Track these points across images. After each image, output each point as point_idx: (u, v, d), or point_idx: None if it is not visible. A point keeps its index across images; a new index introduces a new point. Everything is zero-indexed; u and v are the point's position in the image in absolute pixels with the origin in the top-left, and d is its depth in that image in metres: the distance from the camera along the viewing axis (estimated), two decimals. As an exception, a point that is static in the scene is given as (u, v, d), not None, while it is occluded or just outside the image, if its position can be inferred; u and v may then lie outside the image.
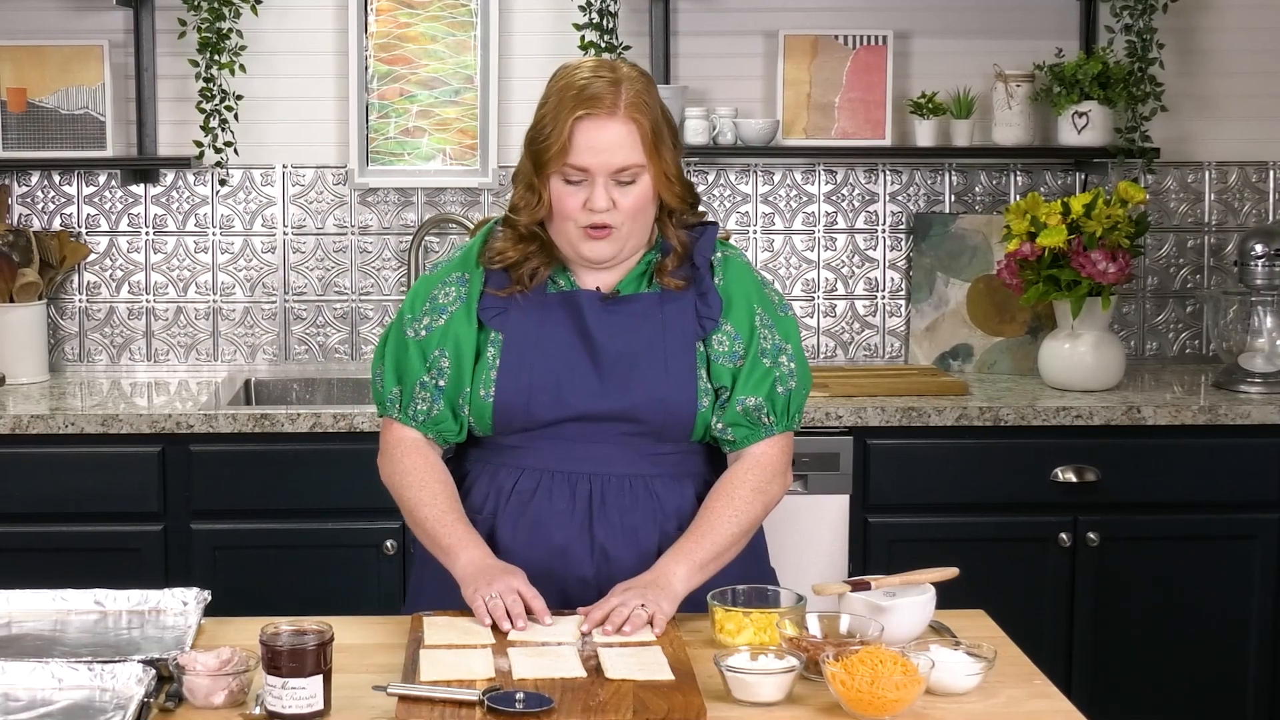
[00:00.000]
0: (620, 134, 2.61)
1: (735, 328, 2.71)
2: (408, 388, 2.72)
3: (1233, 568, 4.11)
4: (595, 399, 2.66)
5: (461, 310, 2.71)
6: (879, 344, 4.71)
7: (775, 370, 2.71)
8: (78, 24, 4.51)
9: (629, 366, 2.67)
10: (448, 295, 2.73)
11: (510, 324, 2.70)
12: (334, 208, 4.61)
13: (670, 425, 2.67)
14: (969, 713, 2.22)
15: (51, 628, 2.55)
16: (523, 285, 2.70)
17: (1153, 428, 4.06)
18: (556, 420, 2.67)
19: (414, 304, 2.75)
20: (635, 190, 2.64)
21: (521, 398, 2.66)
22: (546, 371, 2.67)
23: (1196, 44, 4.67)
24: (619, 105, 2.61)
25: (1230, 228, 4.73)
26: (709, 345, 2.70)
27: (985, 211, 4.68)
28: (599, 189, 2.61)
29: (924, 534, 4.05)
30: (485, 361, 2.69)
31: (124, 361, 4.62)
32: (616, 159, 2.61)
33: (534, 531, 2.67)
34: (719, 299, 2.71)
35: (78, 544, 3.95)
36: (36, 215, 4.56)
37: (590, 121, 2.60)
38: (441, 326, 2.71)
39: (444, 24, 4.58)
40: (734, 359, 2.70)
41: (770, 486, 2.72)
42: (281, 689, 2.16)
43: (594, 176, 2.62)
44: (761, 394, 2.70)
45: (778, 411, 2.72)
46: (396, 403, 2.74)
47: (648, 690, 2.20)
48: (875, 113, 4.58)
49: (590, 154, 2.60)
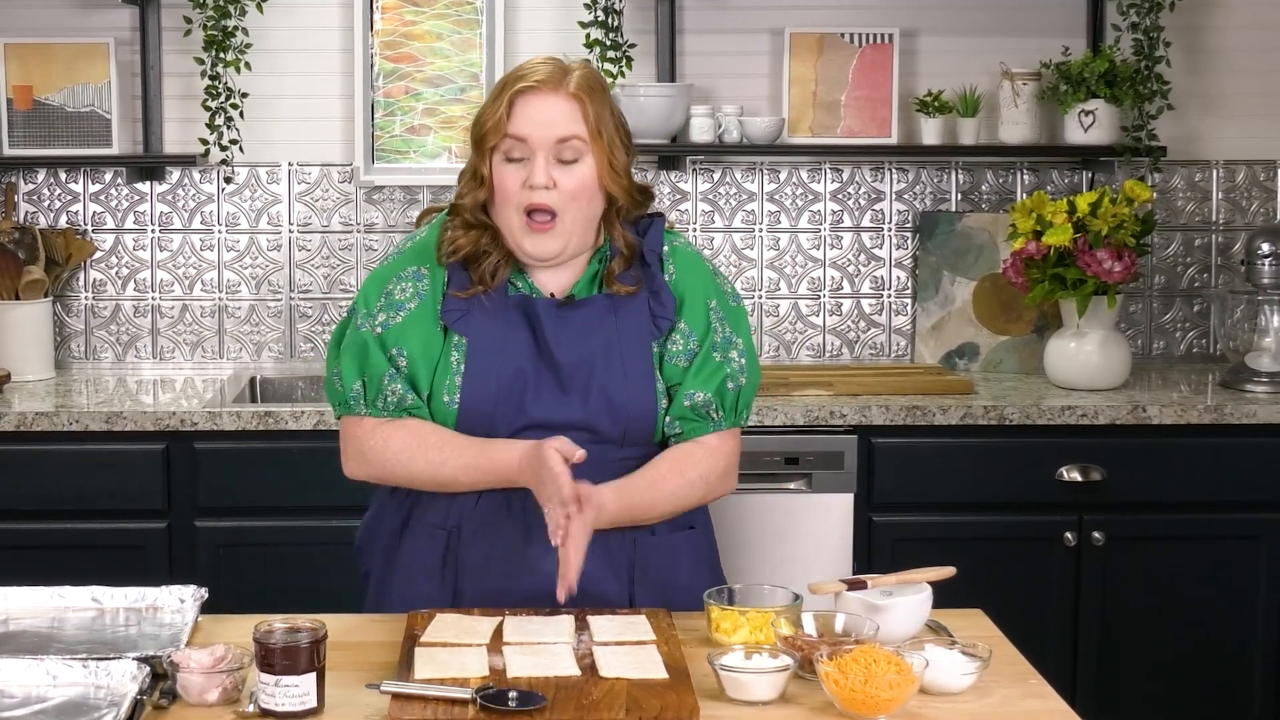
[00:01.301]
0: (563, 109, 2.59)
1: (690, 325, 2.68)
2: (373, 382, 2.64)
3: (1238, 567, 4.10)
4: (555, 408, 2.62)
5: (421, 308, 2.65)
6: (885, 343, 4.70)
7: (726, 366, 2.68)
8: (84, 21, 4.52)
9: (587, 374, 2.63)
10: (404, 291, 2.67)
11: (474, 328, 2.65)
12: (339, 205, 4.61)
13: (632, 430, 2.63)
14: (963, 712, 2.22)
15: (49, 625, 2.55)
16: (485, 284, 2.65)
17: (1158, 427, 4.05)
18: (517, 430, 2.62)
19: (368, 300, 2.69)
20: (578, 171, 2.60)
21: (487, 405, 2.62)
22: (508, 380, 2.63)
23: (1204, 42, 4.66)
24: (562, 85, 2.59)
25: (1238, 227, 4.71)
26: (664, 345, 2.67)
27: (991, 210, 4.67)
28: (539, 164, 2.58)
29: (928, 533, 4.04)
30: (449, 366, 2.63)
31: (130, 359, 4.63)
32: (557, 130, 2.57)
33: (501, 548, 2.62)
34: (672, 297, 2.68)
35: (82, 541, 3.95)
36: (43, 213, 4.57)
37: (531, 94, 2.59)
38: (399, 324, 2.65)
39: (449, 22, 4.58)
40: (688, 357, 2.67)
41: (719, 484, 2.71)
42: (275, 686, 2.16)
43: (534, 151, 2.58)
44: (710, 390, 2.67)
45: (726, 407, 2.69)
46: (360, 399, 2.66)
47: (641, 689, 2.20)
48: (881, 111, 4.57)
49: (529, 124, 2.57)
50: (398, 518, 2.74)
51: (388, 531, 2.76)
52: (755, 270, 4.66)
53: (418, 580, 2.69)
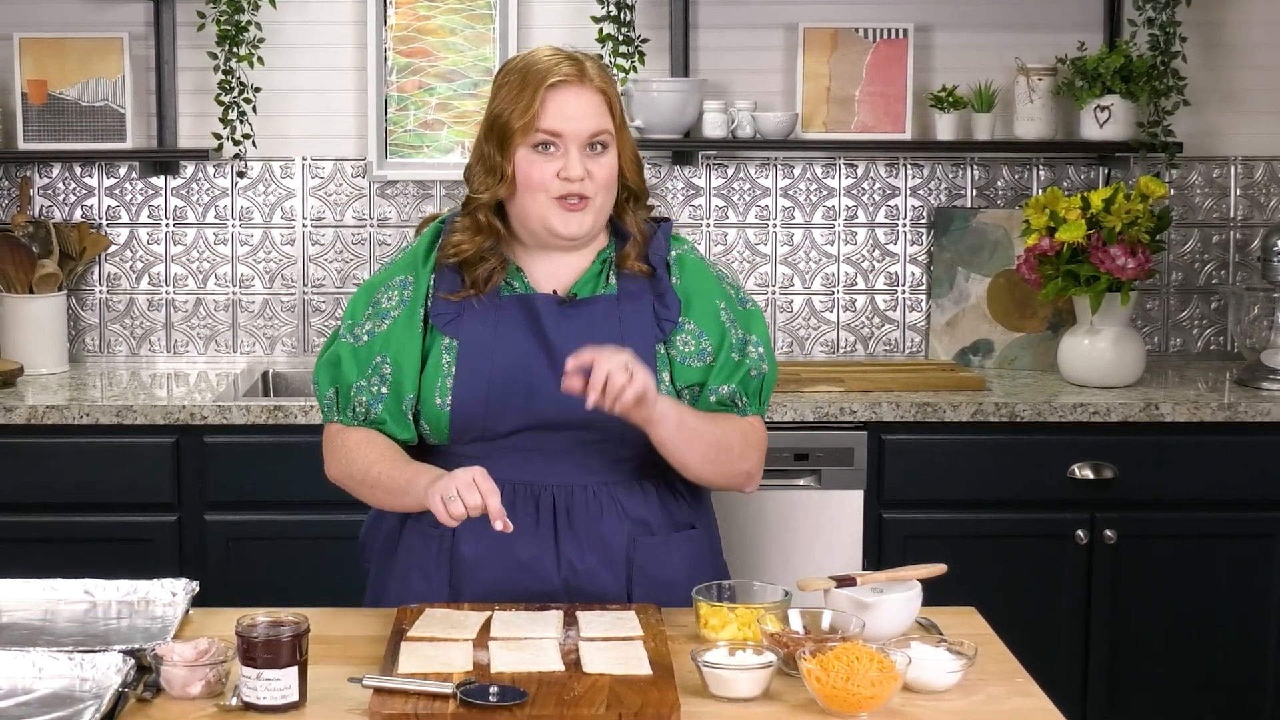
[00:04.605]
0: (592, 101, 2.61)
1: (700, 325, 2.67)
2: (343, 391, 2.67)
3: (1252, 566, 4.07)
4: (554, 407, 2.59)
5: (404, 315, 2.66)
6: (899, 339, 4.69)
7: (746, 360, 2.69)
8: (98, 16, 4.53)
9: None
10: (390, 300, 2.68)
11: (465, 330, 2.64)
12: (353, 200, 4.61)
13: (631, 430, 2.59)
14: (947, 710, 2.20)
15: (41, 617, 2.56)
16: (477, 289, 2.65)
17: (1171, 425, 4.02)
18: (514, 430, 2.62)
19: (355, 310, 2.71)
20: (607, 160, 2.62)
21: (479, 407, 2.61)
22: (504, 380, 2.62)
23: (1221, 37, 4.62)
24: (586, 76, 2.61)
25: (1256, 223, 4.68)
26: (672, 346, 2.67)
27: (1007, 206, 4.64)
28: (574, 157, 2.59)
29: (939, 530, 4.02)
30: (440, 369, 2.63)
31: (144, 353, 4.65)
32: (590, 124, 2.59)
33: (498, 548, 2.61)
34: (677, 300, 2.68)
35: (92, 534, 3.96)
36: (58, 207, 4.59)
37: (563, 88, 2.60)
38: (384, 332, 2.66)
39: (463, 17, 4.58)
40: (702, 357, 2.67)
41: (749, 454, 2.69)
42: (256, 680, 2.16)
43: (566, 144, 2.59)
44: (735, 382, 2.67)
45: (750, 394, 2.69)
46: (334, 406, 2.69)
47: (623, 684, 2.19)
48: (895, 106, 4.55)
49: (562, 119, 2.58)
50: (397, 515, 2.74)
51: (388, 528, 2.77)
52: (769, 266, 4.65)
53: (415, 578, 2.69)
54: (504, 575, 2.62)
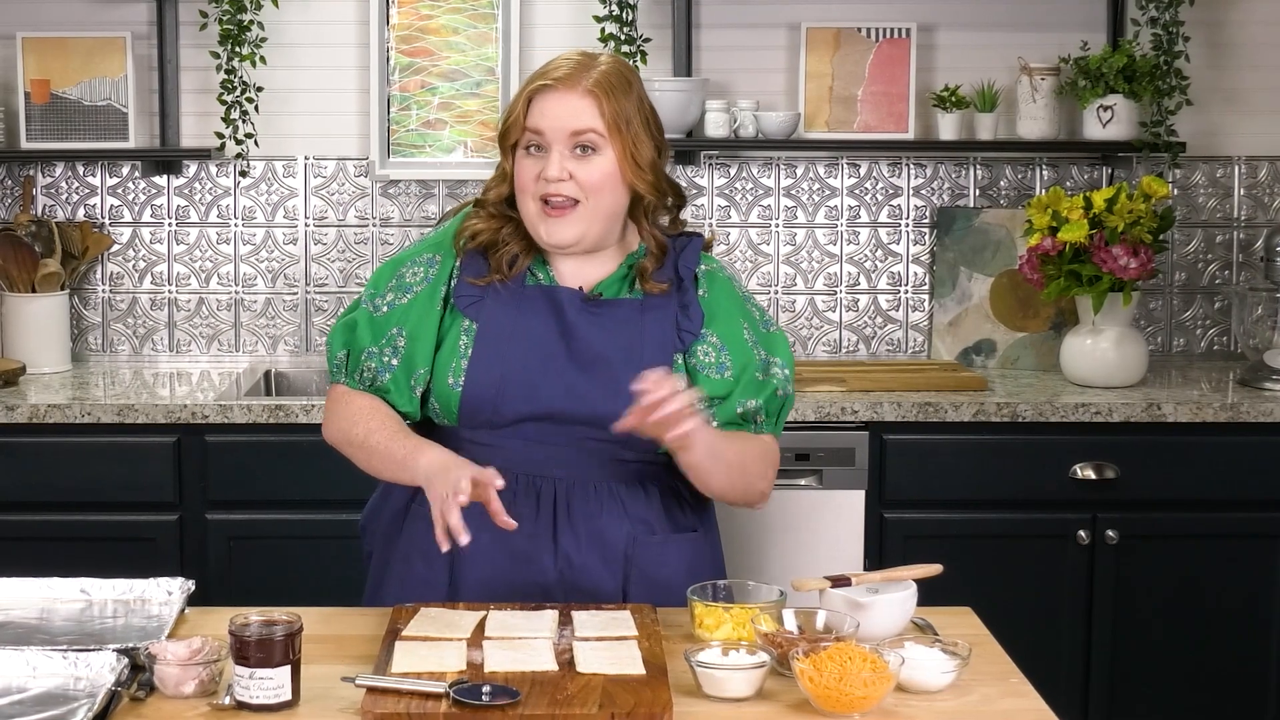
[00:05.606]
0: (577, 104, 2.62)
1: (721, 339, 2.69)
2: (354, 355, 2.71)
3: (1254, 567, 4.06)
4: (566, 399, 2.62)
5: (426, 291, 2.70)
6: (901, 339, 4.68)
7: (772, 380, 2.70)
8: (101, 15, 4.53)
9: (603, 370, 2.63)
10: (415, 275, 2.72)
11: (485, 313, 2.67)
12: (355, 199, 4.62)
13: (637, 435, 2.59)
14: (940, 710, 2.20)
15: (37, 616, 2.56)
16: (501, 274, 2.68)
17: (1173, 425, 4.02)
18: (522, 418, 2.64)
19: (379, 281, 2.75)
20: (596, 163, 2.62)
21: (491, 390, 2.64)
22: (519, 366, 2.64)
23: (1225, 37, 4.61)
24: (580, 82, 2.63)
25: (1259, 223, 4.67)
26: (692, 356, 2.68)
27: (1010, 206, 4.64)
28: (554, 157, 2.62)
29: (940, 530, 4.02)
30: (456, 350, 2.66)
31: (146, 352, 4.65)
32: (571, 123, 2.61)
33: (495, 536, 2.59)
34: (700, 312, 2.69)
35: (93, 533, 3.96)
36: (60, 206, 4.59)
37: (547, 92, 2.64)
38: (404, 305, 2.70)
39: (465, 16, 4.57)
40: (721, 369, 2.67)
41: (767, 474, 2.71)
42: (249, 679, 2.16)
43: (549, 143, 2.62)
44: (761, 398, 2.69)
45: (770, 413, 2.71)
46: (342, 367, 2.73)
47: (616, 684, 2.19)
48: (898, 106, 4.54)
49: (544, 118, 2.62)
50: (401, 501, 2.76)
51: (390, 513, 2.79)
52: (771, 265, 4.65)
53: (416, 565, 2.70)
54: (501, 565, 2.63)
